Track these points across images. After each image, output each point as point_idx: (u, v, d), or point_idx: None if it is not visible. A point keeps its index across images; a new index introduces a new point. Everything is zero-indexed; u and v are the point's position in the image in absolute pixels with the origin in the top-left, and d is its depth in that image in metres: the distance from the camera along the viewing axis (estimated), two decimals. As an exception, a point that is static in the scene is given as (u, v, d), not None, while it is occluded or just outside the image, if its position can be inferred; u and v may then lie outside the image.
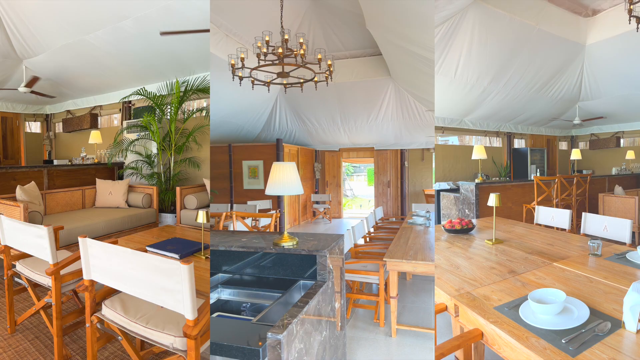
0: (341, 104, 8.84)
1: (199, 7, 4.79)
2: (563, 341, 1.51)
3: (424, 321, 3.78)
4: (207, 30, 4.95)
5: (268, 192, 2.53)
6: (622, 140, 9.96)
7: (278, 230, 6.10)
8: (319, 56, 4.61)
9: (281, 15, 4.85)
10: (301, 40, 4.49)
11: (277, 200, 8.61)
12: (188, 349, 1.87)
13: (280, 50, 4.41)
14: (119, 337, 2.17)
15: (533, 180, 6.66)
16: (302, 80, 5.21)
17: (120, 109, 8.27)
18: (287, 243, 2.44)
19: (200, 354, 1.91)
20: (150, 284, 1.92)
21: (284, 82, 5.26)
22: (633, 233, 5.73)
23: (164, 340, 1.98)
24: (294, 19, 6.46)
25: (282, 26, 4.65)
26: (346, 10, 6.39)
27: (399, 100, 8.39)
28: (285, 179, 2.52)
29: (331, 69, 5.02)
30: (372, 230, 5.79)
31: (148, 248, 3.31)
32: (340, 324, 2.57)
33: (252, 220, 5.96)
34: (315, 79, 5.16)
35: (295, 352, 1.69)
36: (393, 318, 3.47)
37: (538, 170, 9.52)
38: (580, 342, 1.49)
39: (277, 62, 4.60)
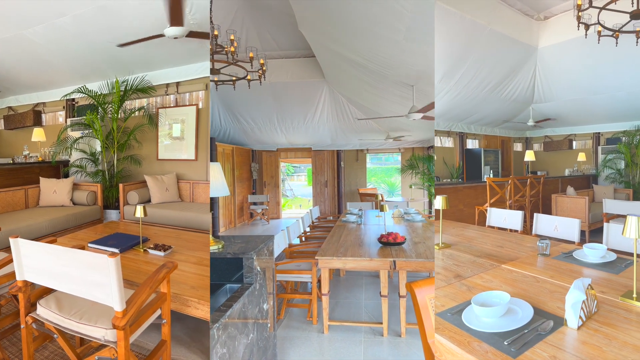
0: (277, 103, 9.03)
1: (134, 7, 5.10)
2: (505, 343, 1.55)
3: (355, 315, 4.16)
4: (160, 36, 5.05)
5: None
6: (574, 143, 10.74)
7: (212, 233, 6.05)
8: (251, 54, 4.79)
9: (210, 10, 4.87)
10: (232, 37, 4.59)
11: (210, 202, 8.41)
12: (118, 339, 2.04)
13: (209, 46, 4.46)
14: (55, 335, 2.31)
15: (486, 181, 6.97)
16: (234, 78, 5.32)
17: (64, 107, 8.48)
18: (212, 247, 2.45)
19: (129, 344, 2.08)
20: (82, 279, 2.08)
21: (215, 78, 5.35)
22: (582, 232, 6.19)
23: (96, 334, 2.14)
24: (224, 16, 6.50)
25: (211, 21, 4.67)
26: (280, 11, 6.49)
27: (334, 102, 8.91)
28: (209, 180, 2.51)
29: (264, 68, 5.17)
30: (308, 229, 6.11)
31: (90, 245, 3.65)
32: (270, 324, 2.64)
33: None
34: (248, 77, 5.28)
35: (217, 358, 1.77)
36: (325, 315, 3.72)
37: (492, 171, 9.97)
38: (523, 343, 1.55)
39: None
